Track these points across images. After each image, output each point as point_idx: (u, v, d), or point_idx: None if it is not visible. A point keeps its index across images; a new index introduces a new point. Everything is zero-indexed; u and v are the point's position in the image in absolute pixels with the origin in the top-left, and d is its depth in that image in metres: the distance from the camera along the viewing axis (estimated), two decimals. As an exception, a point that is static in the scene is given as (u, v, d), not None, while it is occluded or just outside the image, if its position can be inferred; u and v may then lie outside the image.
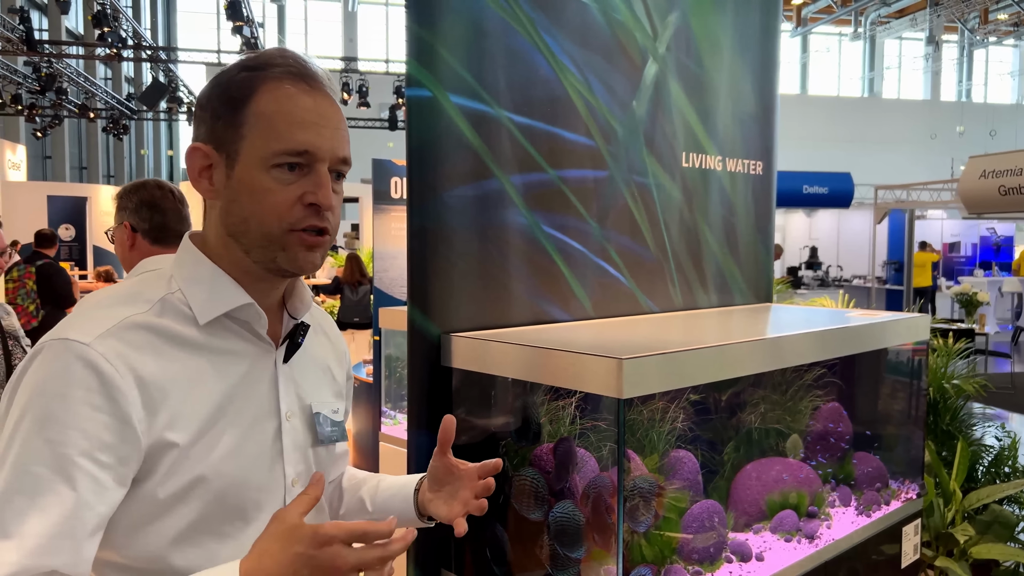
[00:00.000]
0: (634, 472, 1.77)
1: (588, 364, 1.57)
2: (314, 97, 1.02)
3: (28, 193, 14.58)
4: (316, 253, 1.03)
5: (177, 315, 1.01)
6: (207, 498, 0.99)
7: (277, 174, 1.00)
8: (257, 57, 1.04)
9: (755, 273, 2.85)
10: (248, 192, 1.01)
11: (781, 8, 2.96)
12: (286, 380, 1.10)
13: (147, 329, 0.98)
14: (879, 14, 27.56)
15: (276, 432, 1.07)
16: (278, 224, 1.00)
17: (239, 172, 1.01)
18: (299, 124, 1.00)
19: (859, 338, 2.26)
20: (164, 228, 2.15)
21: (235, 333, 1.05)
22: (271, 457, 1.07)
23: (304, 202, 1.00)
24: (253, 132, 1.00)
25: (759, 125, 2.82)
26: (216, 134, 1.03)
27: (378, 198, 4.61)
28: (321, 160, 1.01)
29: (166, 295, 1.02)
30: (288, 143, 0.99)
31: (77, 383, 0.90)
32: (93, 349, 0.92)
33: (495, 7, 1.95)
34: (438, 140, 1.86)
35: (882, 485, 2.43)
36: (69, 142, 21.84)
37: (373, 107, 19.11)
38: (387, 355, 3.70)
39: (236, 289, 1.04)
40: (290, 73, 1.01)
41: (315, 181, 1.01)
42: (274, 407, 1.07)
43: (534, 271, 2.07)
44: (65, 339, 0.93)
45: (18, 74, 16.73)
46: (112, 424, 0.91)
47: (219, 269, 1.05)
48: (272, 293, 1.09)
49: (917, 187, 13.67)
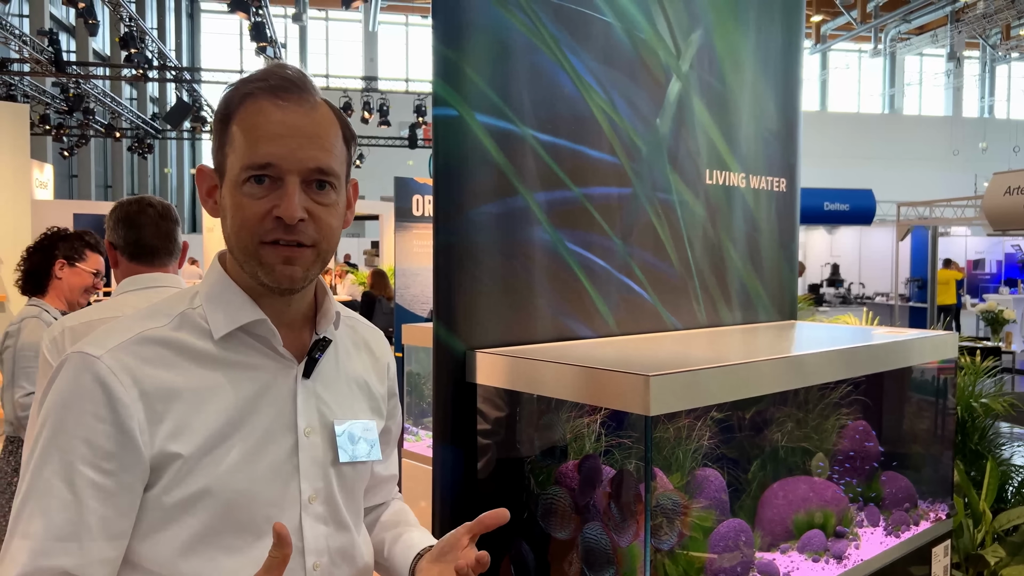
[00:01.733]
0: (660, 490, 1.76)
1: (614, 381, 1.57)
2: (285, 110, 1.01)
3: (55, 211, 14.75)
4: (295, 266, 1.02)
5: (194, 329, 1.04)
6: (214, 510, 0.99)
7: (248, 189, 1.01)
8: (247, 75, 1.06)
9: (779, 290, 2.83)
10: (229, 209, 1.03)
11: (803, 25, 2.97)
12: (307, 395, 1.09)
13: (161, 343, 1.01)
14: (899, 31, 27.46)
15: (292, 448, 1.07)
16: (250, 238, 1.01)
17: (224, 190, 1.04)
18: (265, 137, 1.00)
19: (885, 356, 2.24)
20: (139, 245, 2.06)
21: (253, 348, 1.06)
22: (286, 473, 1.06)
23: (272, 215, 1.00)
24: (232, 150, 1.02)
25: (782, 142, 2.82)
26: (214, 154, 1.06)
27: (400, 216, 4.64)
28: (288, 172, 1.00)
29: (186, 310, 1.05)
30: (252, 157, 1.00)
31: (85, 395, 0.96)
32: (102, 362, 0.97)
33: (520, 26, 1.97)
34: (464, 158, 1.88)
35: (911, 505, 2.40)
36: (95, 161, 22.19)
37: (393, 125, 19.27)
38: (409, 371, 3.71)
39: (250, 305, 1.05)
40: (264, 88, 1.02)
41: (281, 194, 1.00)
42: (291, 422, 1.07)
43: (558, 288, 2.07)
44: (80, 352, 0.99)
45: (46, 95, 17.05)
46: (113, 433, 0.95)
47: (235, 285, 1.07)
48: (290, 308, 1.09)
49: (940, 204, 13.54)
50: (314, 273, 1.06)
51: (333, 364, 1.15)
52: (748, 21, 2.65)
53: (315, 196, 1.03)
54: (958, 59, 28.45)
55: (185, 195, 27.19)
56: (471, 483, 1.86)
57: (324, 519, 1.10)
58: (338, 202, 1.06)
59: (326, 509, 1.10)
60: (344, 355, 1.18)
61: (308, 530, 1.07)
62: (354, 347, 1.21)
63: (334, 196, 1.05)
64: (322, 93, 1.07)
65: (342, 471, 1.13)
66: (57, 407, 0.97)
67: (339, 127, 1.07)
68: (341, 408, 1.14)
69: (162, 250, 2.05)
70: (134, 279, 2.02)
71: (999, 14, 19.79)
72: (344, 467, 1.13)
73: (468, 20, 1.88)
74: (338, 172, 1.05)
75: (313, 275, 1.06)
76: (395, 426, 1.30)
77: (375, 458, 1.17)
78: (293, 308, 1.09)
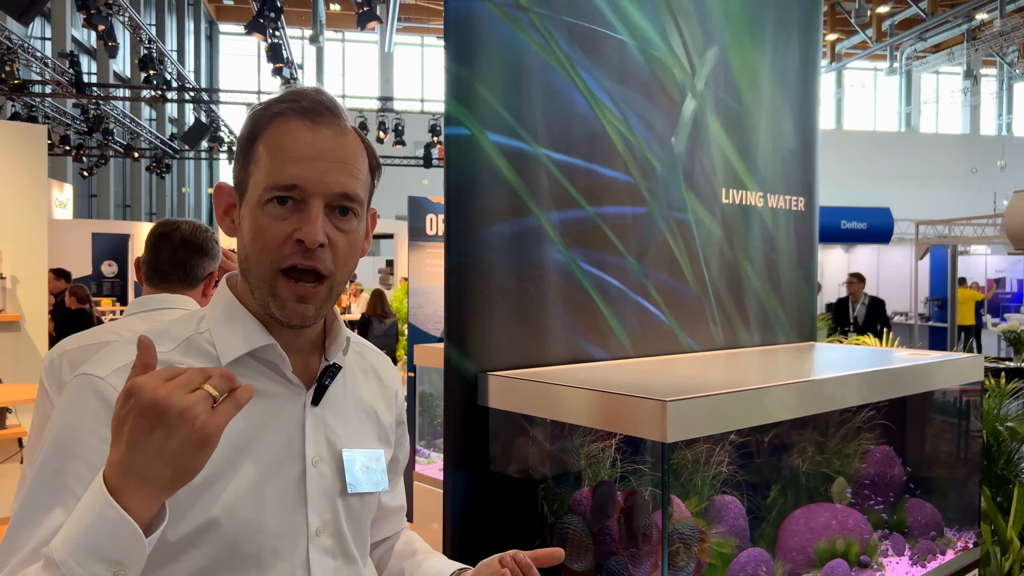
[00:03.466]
0: (678, 518, 1.71)
1: (630, 406, 1.53)
2: (314, 132, 0.99)
3: (73, 231, 14.96)
4: (308, 305, 0.99)
5: (201, 354, 1.01)
6: (220, 542, 0.95)
7: (270, 209, 0.98)
8: (278, 94, 1.03)
9: (798, 311, 2.78)
10: (248, 229, 1.00)
11: (820, 43, 2.93)
12: (315, 423, 1.05)
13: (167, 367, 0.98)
14: (915, 49, 27.37)
15: (300, 477, 1.03)
16: (268, 264, 0.98)
17: (244, 209, 1.01)
18: (292, 159, 0.97)
19: (908, 380, 2.18)
20: (153, 268, 2.03)
21: (262, 374, 1.03)
22: (293, 503, 1.02)
23: (293, 239, 0.97)
24: (257, 169, 0.99)
25: (800, 161, 2.78)
26: (235, 172, 1.03)
27: (413, 235, 4.62)
28: (313, 195, 0.97)
29: (192, 335, 1.02)
30: (277, 177, 0.97)
31: (89, 415, 0.93)
32: (107, 383, 0.94)
33: (533, 45, 1.95)
34: (476, 177, 1.85)
35: (937, 533, 2.33)
36: (114, 181, 22.45)
37: (408, 145, 19.37)
38: (421, 392, 3.68)
39: (259, 329, 1.02)
40: (296, 109, 0.99)
41: (303, 217, 0.97)
42: (299, 451, 1.03)
43: (572, 309, 2.04)
44: (85, 373, 0.96)
45: (67, 116, 17.29)
46: None
47: (244, 309, 1.03)
48: (301, 334, 1.05)
49: (959, 222, 13.41)
50: (326, 309, 1.02)
51: (342, 391, 1.11)
52: (764, 39, 2.62)
53: (337, 222, 1.00)
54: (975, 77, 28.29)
55: (203, 214, 27.41)
56: (483, 510, 1.82)
57: (332, 552, 1.06)
58: (358, 229, 1.03)
59: (334, 542, 1.06)
60: (352, 382, 1.14)
61: (316, 564, 1.03)
62: (362, 374, 1.17)
63: (355, 223, 1.02)
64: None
65: (350, 502, 1.08)
66: (58, 426, 0.94)
67: (366, 154, 1.05)
68: (350, 436, 1.10)
69: (173, 276, 2.00)
70: (142, 300, 2.00)
71: (1016, 32, 19.68)
72: (352, 498, 1.08)
73: (481, 40, 1.86)
74: (362, 199, 1.03)
75: (325, 311, 1.03)
76: (403, 455, 1.26)
77: (383, 488, 1.12)
78: (303, 335, 1.06)
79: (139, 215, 23.04)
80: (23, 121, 14.14)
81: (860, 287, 9.56)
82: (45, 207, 6.15)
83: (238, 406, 0.80)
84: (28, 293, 5.78)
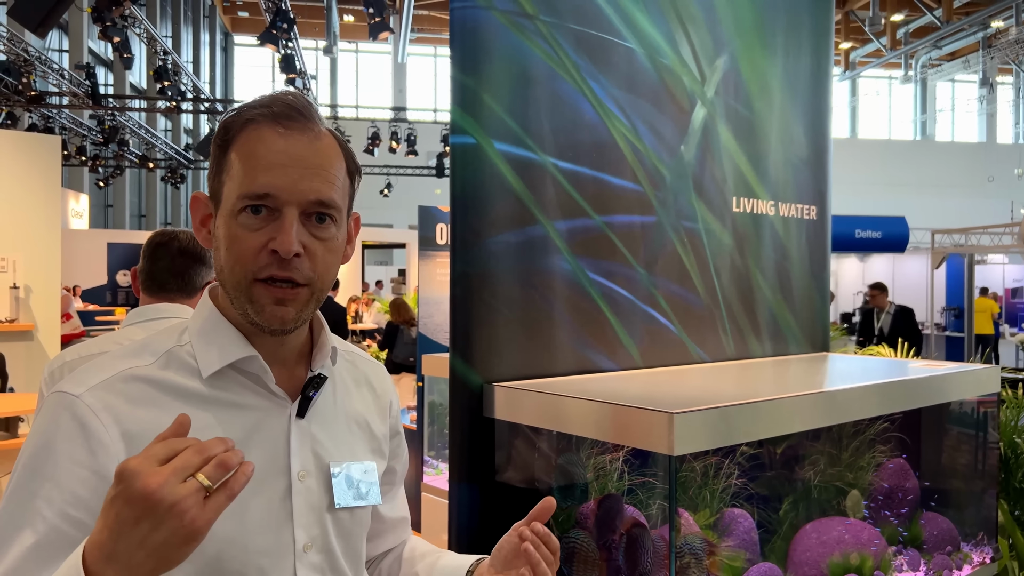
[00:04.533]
0: (686, 532, 1.68)
1: (636, 418, 1.50)
2: (287, 138, 0.96)
3: (89, 240, 15.10)
4: (287, 307, 0.96)
5: (181, 367, 0.98)
6: (202, 560, 0.92)
7: (244, 219, 0.95)
8: (250, 100, 1.00)
9: (811, 321, 2.75)
10: (223, 239, 0.97)
11: (832, 51, 2.90)
12: (301, 436, 1.02)
13: (146, 381, 0.96)
14: (930, 57, 27.22)
15: (286, 492, 1.00)
16: (243, 273, 0.95)
17: (219, 219, 0.99)
18: (264, 167, 0.95)
19: (923, 391, 2.14)
20: (151, 277, 2.00)
21: (244, 386, 1.00)
22: (278, 519, 0.99)
23: (268, 249, 0.95)
24: (230, 178, 0.97)
25: (812, 169, 2.75)
26: (210, 181, 1.01)
27: (424, 244, 4.62)
28: (287, 203, 0.95)
29: (173, 347, 1.00)
30: (250, 186, 0.94)
31: (63, 435, 0.90)
32: (82, 401, 0.92)
33: (540, 54, 1.94)
34: (482, 186, 1.84)
35: (953, 548, 2.28)
36: (129, 191, 22.64)
37: (421, 155, 19.43)
38: (430, 402, 3.66)
39: (240, 341, 1.00)
40: (267, 115, 0.97)
41: (278, 226, 0.95)
42: (285, 465, 1.00)
43: (579, 319, 2.01)
44: (60, 391, 0.93)
45: (83, 127, 17.47)
46: (89, 479, 0.89)
47: (226, 321, 1.01)
48: (284, 344, 1.03)
49: (976, 231, 13.28)
50: (308, 314, 1.00)
51: (331, 402, 1.08)
52: (775, 47, 2.60)
53: (314, 229, 0.97)
54: (991, 85, 28.09)
55: (217, 224, 27.55)
56: (489, 522, 1.79)
57: (321, 569, 1.03)
58: (337, 236, 1.00)
59: (323, 559, 1.03)
60: (343, 392, 1.11)
61: None
62: (354, 384, 1.14)
63: (334, 230, 0.99)
64: (349, 125, 1.01)
65: (339, 517, 1.05)
66: (32, 446, 0.92)
67: (343, 158, 1.02)
68: (338, 449, 1.07)
69: (171, 286, 1.98)
70: (140, 310, 1.99)
71: (1032, 39, 19.56)
72: (341, 512, 1.05)
73: (487, 48, 1.85)
74: (339, 205, 1.00)
75: (307, 316, 1.00)
76: (400, 466, 1.23)
77: (374, 502, 1.09)
78: (287, 345, 1.04)
79: (154, 225, 23.21)
80: (40, 132, 14.30)
81: (883, 297, 9.32)
82: (59, 218, 6.19)
83: (231, 497, 0.76)
84: (41, 302, 5.81)
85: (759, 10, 2.53)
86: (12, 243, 5.71)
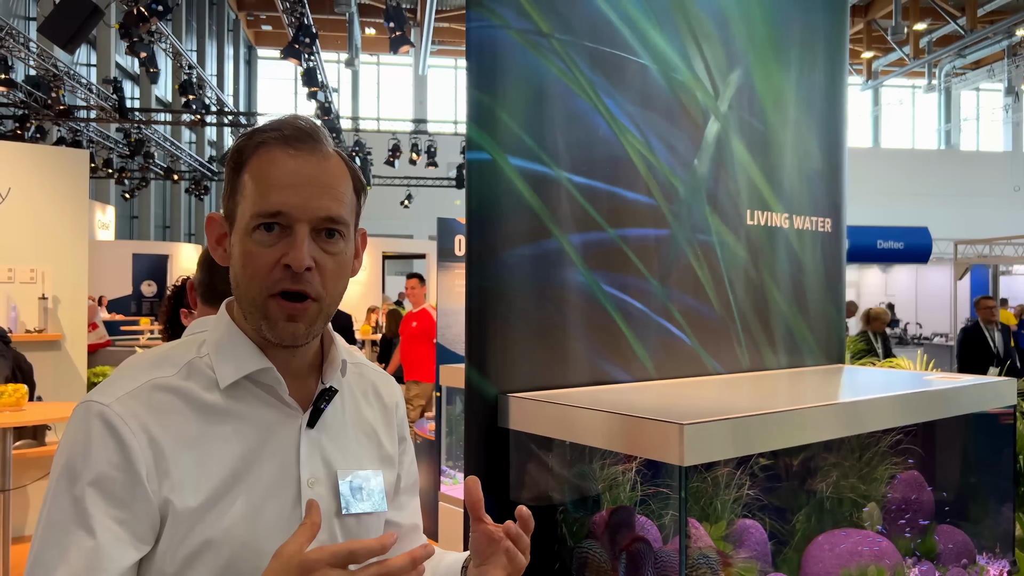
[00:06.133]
0: (698, 542, 1.70)
1: (647, 429, 1.53)
2: (297, 159, 1.02)
3: (115, 251, 15.34)
4: (298, 323, 1.02)
5: (201, 378, 1.03)
6: (216, 564, 0.97)
7: (258, 237, 1.01)
8: (260, 124, 1.06)
9: (826, 333, 2.75)
10: (238, 256, 1.03)
11: (846, 64, 2.92)
12: (311, 445, 1.07)
13: (170, 391, 1.01)
14: (954, 66, 26.99)
15: (296, 499, 1.05)
16: (258, 289, 1.01)
17: (233, 237, 1.04)
18: (276, 186, 1.00)
19: (938, 404, 2.15)
20: (210, 288, 2.05)
21: (258, 398, 1.05)
22: (289, 524, 1.03)
23: (281, 264, 1.00)
24: (243, 198, 1.03)
25: (827, 182, 2.76)
26: (224, 202, 1.07)
27: (442, 256, 4.67)
28: (298, 220, 1.00)
29: (193, 359, 1.05)
30: (263, 205, 1.00)
31: (96, 442, 0.95)
32: (111, 410, 0.97)
33: (555, 71, 1.98)
34: (497, 201, 1.88)
35: (969, 561, 2.27)
36: (154, 202, 22.96)
37: (441, 166, 19.55)
38: (448, 411, 3.69)
39: (256, 354, 1.05)
40: (278, 138, 1.02)
41: (290, 242, 1.00)
42: (295, 473, 1.05)
43: (594, 331, 2.04)
44: (89, 401, 0.99)
45: (110, 139, 17.77)
46: (126, 481, 0.95)
47: (242, 334, 1.06)
48: (296, 357, 1.08)
49: (1000, 242, 13.13)
50: (318, 328, 1.05)
51: (339, 413, 1.13)
52: (789, 61, 2.62)
53: (324, 245, 1.03)
54: (1016, 93, 27.79)
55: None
56: (503, 531, 1.82)
57: None
58: (346, 251, 1.06)
59: None
60: (351, 403, 1.16)
61: None
62: (362, 394, 1.19)
63: (342, 245, 1.05)
64: (371, 137, 1.05)
65: (346, 523, 1.10)
66: (67, 455, 0.97)
67: (350, 177, 1.08)
68: (346, 458, 1.12)
69: (229, 294, 2.04)
70: (201, 321, 2.04)
71: (1058, 48, 19.36)
72: (348, 519, 1.10)
73: (502, 66, 1.90)
74: (347, 221, 1.05)
75: (317, 330, 1.05)
76: (407, 474, 1.27)
77: (381, 509, 1.13)
78: (299, 358, 1.09)
79: (178, 236, 23.51)
80: (68, 145, 14.57)
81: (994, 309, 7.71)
82: (86, 230, 6.32)
83: None
84: (68, 313, 5.93)
85: (773, 25, 2.55)
86: (41, 255, 5.84)
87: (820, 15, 2.75)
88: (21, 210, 5.77)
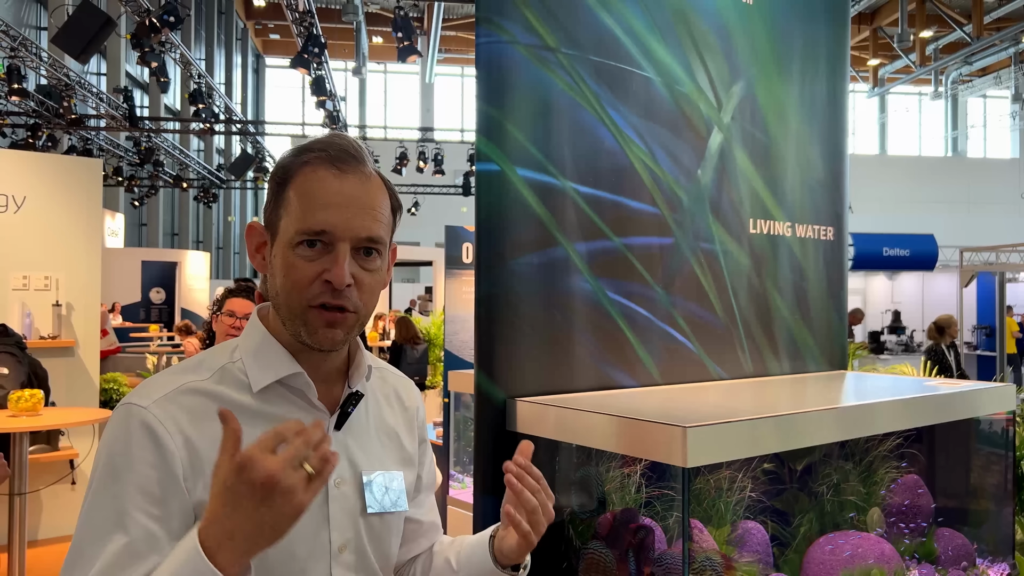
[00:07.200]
0: (701, 544, 1.75)
1: (651, 431, 1.58)
2: (341, 180, 1.07)
3: (124, 258, 15.44)
4: (337, 330, 1.07)
5: (234, 383, 1.09)
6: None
7: (301, 251, 1.06)
8: (307, 142, 1.12)
9: (828, 340, 2.80)
10: (280, 267, 1.08)
11: (848, 74, 2.97)
12: (338, 447, 1.12)
13: (204, 395, 1.06)
14: (960, 73, 26.98)
15: (323, 498, 1.10)
16: (299, 300, 1.06)
17: (275, 249, 1.10)
18: (322, 205, 1.06)
19: (936, 409, 2.19)
20: None
21: (289, 401, 1.11)
22: (317, 522, 1.09)
23: (322, 279, 1.05)
24: (288, 212, 1.08)
25: (829, 191, 2.81)
26: (267, 213, 1.13)
27: (450, 263, 4.73)
28: (340, 239, 1.06)
29: (227, 364, 1.11)
30: (308, 223, 1.05)
31: (135, 443, 1.01)
32: (149, 412, 1.02)
33: (562, 85, 2.04)
34: (505, 211, 1.93)
35: (968, 564, 2.31)
36: (163, 210, 23.11)
37: (448, 174, 19.64)
38: (457, 417, 3.74)
39: (287, 358, 1.10)
40: (324, 158, 1.08)
41: (332, 259, 1.05)
42: None
43: (599, 337, 2.09)
44: (128, 403, 1.04)
45: (120, 148, 17.91)
46: (163, 479, 1.00)
47: (274, 339, 1.12)
48: (326, 362, 1.13)
49: (1006, 249, 13.12)
50: (353, 335, 1.11)
51: (364, 416, 1.19)
52: (791, 72, 2.67)
53: (362, 262, 1.08)
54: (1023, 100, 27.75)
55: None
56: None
57: (354, 568, 1.13)
58: (382, 268, 1.12)
59: (356, 559, 1.13)
60: (374, 406, 1.22)
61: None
62: (384, 398, 1.25)
63: (379, 262, 1.11)
64: (378, 145, 1.11)
65: (371, 521, 1.15)
66: (107, 455, 1.02)
67: (388, 197, 1.14)
68: (370, 460, 1.17)
69: None
70: None
71: (1065, 55, 19.35)
72: (372, 518, 1.15)
73: (510, 80, 1.95)
74: (385, 240, 1.11)
75: (352, 337, 1.11)
76: (427, 474, 1.33)
77: (402, 508, 1.19)
78: (328, 363, 1.14)
79: (186, 243, 23.66)
80: (79, 153, 14.71)
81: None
82: (99, 238, 6.40)
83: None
84: (81, 320, 6.01)
85: (775, 38, 2.61)
86: (55, 262, 5.92)
87: (822, 27, 2.80)
88: (35, 218, 5.86)
